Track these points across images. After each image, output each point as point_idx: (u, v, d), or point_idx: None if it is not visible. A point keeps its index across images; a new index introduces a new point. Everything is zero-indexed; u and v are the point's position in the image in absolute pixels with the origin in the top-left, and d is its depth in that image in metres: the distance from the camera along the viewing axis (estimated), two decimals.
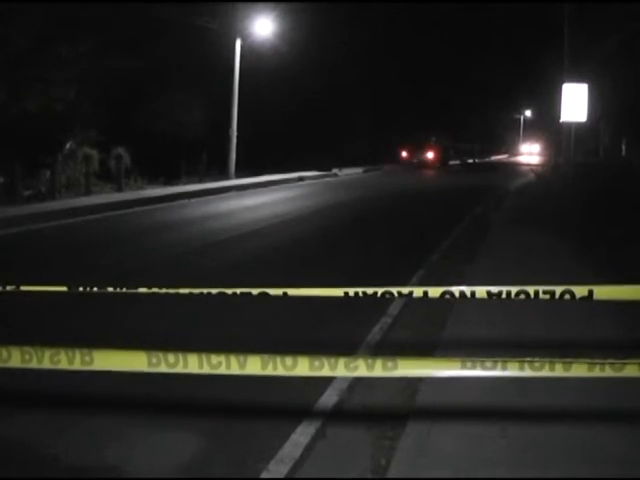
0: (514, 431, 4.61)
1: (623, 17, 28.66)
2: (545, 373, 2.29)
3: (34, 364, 2.41)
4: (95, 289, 2.59)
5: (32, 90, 23.13)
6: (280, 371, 2.34)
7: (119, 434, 4.79)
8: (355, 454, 4.58)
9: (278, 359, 2.33)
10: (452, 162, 60.24)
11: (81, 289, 2.59)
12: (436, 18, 63.95)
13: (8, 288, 2.58)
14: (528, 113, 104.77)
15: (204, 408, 5.31)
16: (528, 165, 59.16)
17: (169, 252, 12.29)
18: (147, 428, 4.89)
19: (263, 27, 31.89)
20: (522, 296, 2.37)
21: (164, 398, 5.34)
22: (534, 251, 12.24)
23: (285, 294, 2.46)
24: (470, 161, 67.63)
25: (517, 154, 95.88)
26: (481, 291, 2.40)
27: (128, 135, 25.78)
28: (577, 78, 28.42)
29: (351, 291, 2.42)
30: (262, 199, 23.34)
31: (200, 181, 28.36)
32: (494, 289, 2.38)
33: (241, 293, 2.48)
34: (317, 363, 2.33)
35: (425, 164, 53.15)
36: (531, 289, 2.36)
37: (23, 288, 2.57)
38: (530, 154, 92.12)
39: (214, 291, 2.50)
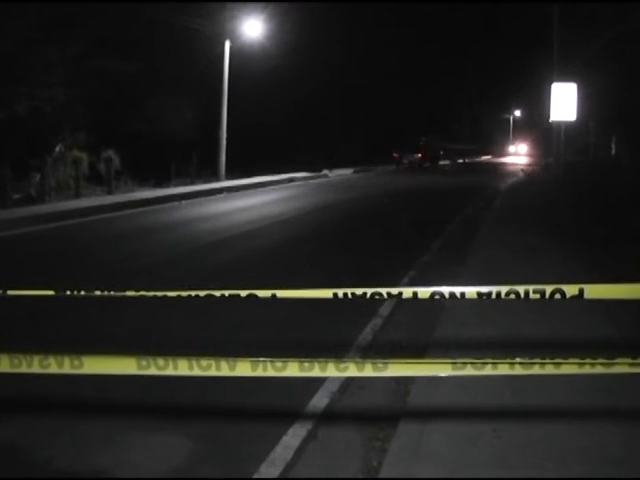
0: (506, 431, 4.61)
1: (612, 16, 28.77)
2: (535, 372, 2.29)
3: (23, 369, 2.40)
4: (83, 292, 2.57)
5: (21, 92, 23.07)
6: (270, 372, 2.33)
7: (109, 438, 4.77)
8: (347, 456, 4.57)
9: (268, 361, 2.33)
10: (442, 162, 60.36)
11: (69, 293, 2.57)
12: (426, 19, 64.10)
13: None
14: (518, 113, 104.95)
15: (195, 411, 5.30)
16: (518, 165, 59.32)
17: (159, 254, 12.26)
18: (138, 432, 4.87)
19: (252, 28, 31.87)
20: (512, 296, 2.36)
21: (155, 402, 5.33)
22: (526, 250, 12.24)
23: (274, 296, 2.45)
24: (460, 161, 67.75)
25: (503, 155, 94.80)
26: (471, 292, 2.39)
27: (118, 137, 25.74)
28: (566, 77, 28.51)
29: (340, 292, 2.41)
30: (253, 200, 23.33)
31: (191, 183, 28.31)
32: (484, 289, 2.37)
33: (229, 295, 2.47)
34: (307, 365, 2.32)
35: (415, 165, 53.16)
36: (521, 289, 2.35)
37: (10, 292, 2.55)
38: (517, 154, 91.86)
39: (202, 293, 2.49)
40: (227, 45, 31.12)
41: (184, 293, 2.54)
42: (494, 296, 2.36)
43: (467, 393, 5.10)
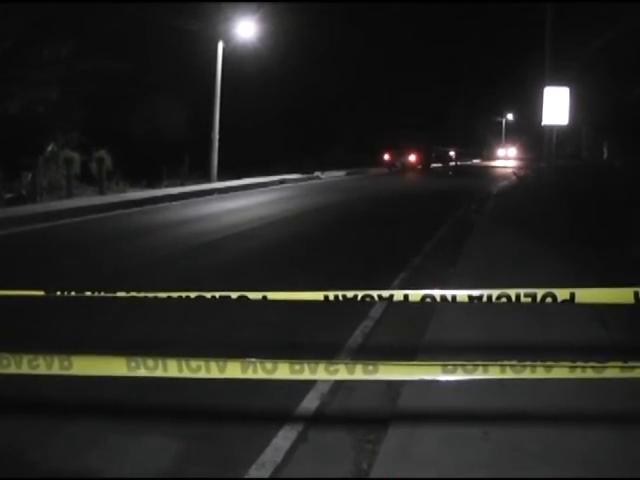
0: (496, 433, 4.61)
1: (604, 20, 28.84)
2: (526, 375, 2.29)
3: (12, 370, 2.39)
4: (73, 293, 2.56)
5: (13, 92, 23.02)
6: (260, 374, 2.32)
7: (100, 440, 4.75)
8: (337, 458, 4.57)
9: (258, 363, 2.32)
10: (434, 165, 60.48)
11: (59, 293, 2.56)
12: (419, 21, 64.24)
13: None
14: (510, 116, 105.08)
15: (185, 413, 5.28)
16: (508, 168, 59.51)
17: (150, 255, 12.24)
18: (128, 434, 4.85)
19: (246, 29, 31.86)
20: (503, 299, 2.36)
21: (145, 404, 5.32)
22: (518, 254, 12.26)
23: (265, 298, 2.44)
24: (452, 164, 67.94)
25: (493, 158, 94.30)
26: (462, 295, 2.38)
27: (110, 137, 25.70)
28: (559, 81, 28.58)
29: (331, 294, 2.40)
30: (244, 202, 23.31)
31: (182, 184, 28.29)
32: (475, 293, 2.37)
33: (220, 297, 2.46)
34: (297, 367, 2.31)
35: (407, 167, 53.23)
36: (512, 292, 2.35)
37: (0, 292, 2.54)
38: (507, 158, 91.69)
39: (193, 295, 2.48)
40: (220, 46, 31.11)
41: (175, 294, 2.53)
42: (485, 299, 2.36)
43: (458, 395, 5.09)
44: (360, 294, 2.41)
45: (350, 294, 2.41)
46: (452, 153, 71.52)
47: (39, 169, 21.64)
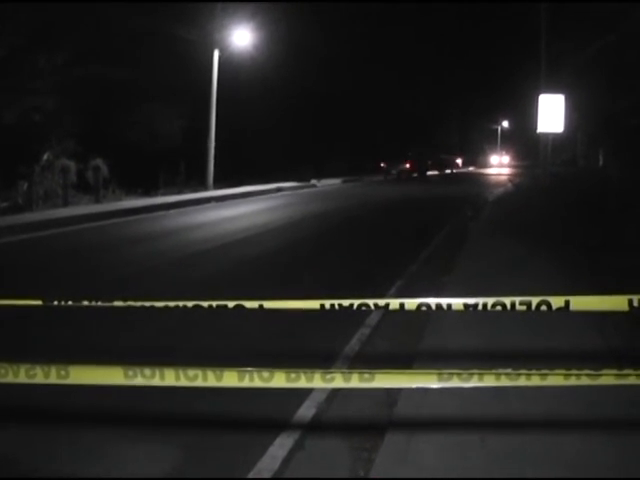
0: (493, 440, 4.61)
1: (599, 27, 28.92)
2: (522, 383, 2.29)
3: (10, 379, 2.39)
4: (70, 302, 2.57)
5: (9, 100, 23.02)
6: (257, 383, 2.33)
7: (97, 448, 4.75)
8: (333, 466, 4.56)
9: (255, 371, 2.32)
10: (430, 173, 60.52)
11: (56, 302, 2.56)
12: (416, 30, 64.32)
13: None
14: (505, 124, 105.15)
15: (182, 421, 5.28)
16: (503, 175, 59.61)
17: (147, 263, 12.23)
18: (125, 442, 4.85)
19: (241, 38, 31.88)
20: (499, 307, 2.36)
21: (142, 412, 5.31)
22: (513, 260, 12.25)
23: (261, 307, 2.44)
24: (448, 172, 68.04)
25: (487, 166, 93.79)
26: (457, 303, 2.39)
27: (106, 146, 25.67)
28: (554, 88, 28.66)
29: (327, 303, 2.41)
30: (241, 210, 23.31)
31: (179, 192, 28.28)
32: (470, 301, 2.37)
33: (217, 306, 2.47)
34: (293, 375, 2.32)
35: (403, 175, 53.22)
36: (507, 300, 2.36)
37: None
38: (501, 166, 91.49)
39: (190, 304, 2.49)
40: (216, 54, 31.14)
41: (172, 303, 2.54)
42: (480, 307, 2.37)
43: (455, 402, 5.09)
44: (356, 303, 2.41)
45: (346, 302, 2.41)
46: (459, 160, 72.48)
47: (35, 178, 21.60)
